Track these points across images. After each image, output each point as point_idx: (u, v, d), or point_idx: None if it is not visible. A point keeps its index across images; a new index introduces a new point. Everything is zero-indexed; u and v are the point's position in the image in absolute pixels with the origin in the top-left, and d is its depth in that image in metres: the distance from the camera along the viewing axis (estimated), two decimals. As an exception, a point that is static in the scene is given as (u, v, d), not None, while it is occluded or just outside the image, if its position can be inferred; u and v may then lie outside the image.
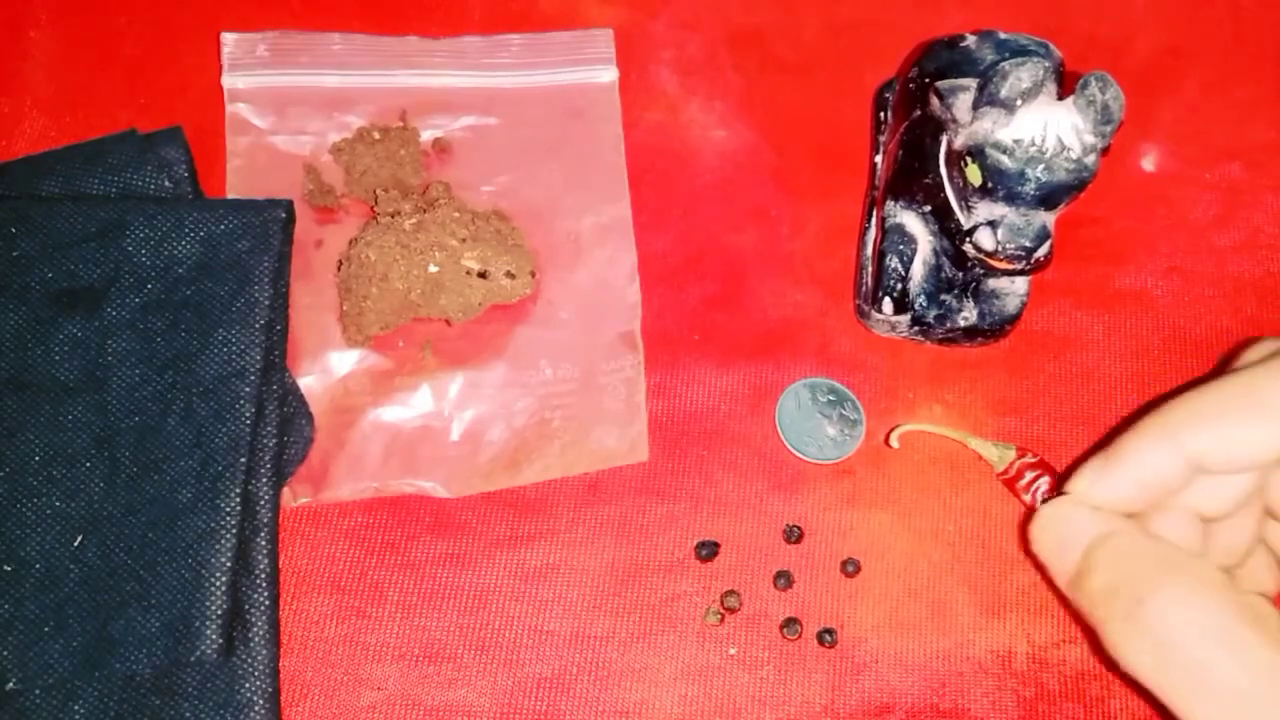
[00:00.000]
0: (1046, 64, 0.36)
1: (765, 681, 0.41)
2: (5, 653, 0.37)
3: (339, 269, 0.44)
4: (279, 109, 0.48)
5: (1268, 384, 0.34)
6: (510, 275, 0.44)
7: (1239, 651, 0.31)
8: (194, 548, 0.38)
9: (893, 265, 0.43)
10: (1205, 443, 0.34)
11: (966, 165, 0.38)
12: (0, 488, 0.39)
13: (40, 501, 0.39)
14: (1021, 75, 0.36)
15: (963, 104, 0.38)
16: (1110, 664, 0.34)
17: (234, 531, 0.39)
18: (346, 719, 0.40)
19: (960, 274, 0.43)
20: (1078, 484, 0.36)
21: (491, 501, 0.43)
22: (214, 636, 0.37)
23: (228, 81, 0.48)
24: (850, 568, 0.42)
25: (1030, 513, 0.40)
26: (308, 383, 0.43)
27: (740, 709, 0.41)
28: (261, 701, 0.38)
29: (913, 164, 0.43)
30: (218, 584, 0.38)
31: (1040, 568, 0.37)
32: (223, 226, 0.43)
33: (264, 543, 0.40)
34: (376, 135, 0.47)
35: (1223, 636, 0.31)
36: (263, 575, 0.40)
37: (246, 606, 0.39)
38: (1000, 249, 0.38)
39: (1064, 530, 0.35)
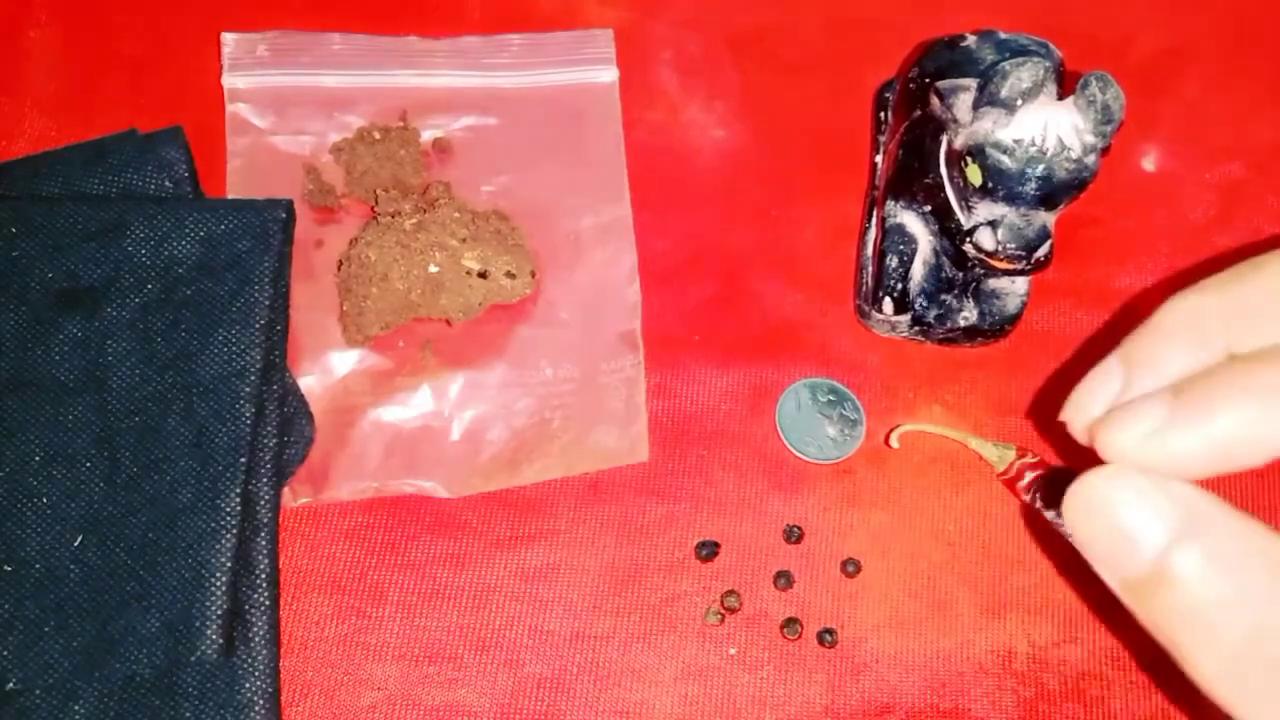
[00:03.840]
0: (1046, 64, 0.36)
1: (765, 681, 0.41)
2: (5, 653, 0.37)
3: (339, 269, 0.44)
4: (279, 109, 0.48)
5: None
6: (510, 275, 0.44)
7: None
8: (194, 548, 0.38)
9: (893, 265, 0.43)
10: None
11: (966, 165, 0.38)
12: (0, 488, 0.39)
13: (40, 501, 0.39)
14: (1021, 75, 0.36)
15: (963, 104, 0.38)
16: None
17: (234, 531, 0.39)
18: (346, 719, 0.40)
19: (960, 274, 0.43)
20: (1131, 430, 0.26)
21: (491, 501, 0.43)
22: (214, 636, 0.37)
23: (228, 81, 0.48)
24: (850, 568, 0.42)
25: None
26: (308, 383, 0.43)
27: (740, 709, 0.41)
28: (261, 701, 0.38)
29: (913, 164, 0.43)
30: (218, 584, 0.38)
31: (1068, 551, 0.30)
32: (223, 226, 0.43)
33: (264, 543, 0.40)
34: (376, 135, 0.47)
35: None
36: (263, 575, 0.40)
37: (246, 606, 0.39)
38: (1000, 249, 0.38)
39: (1124, 518, 0.25)
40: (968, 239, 0.40)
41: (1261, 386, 0.25)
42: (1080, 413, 0.29)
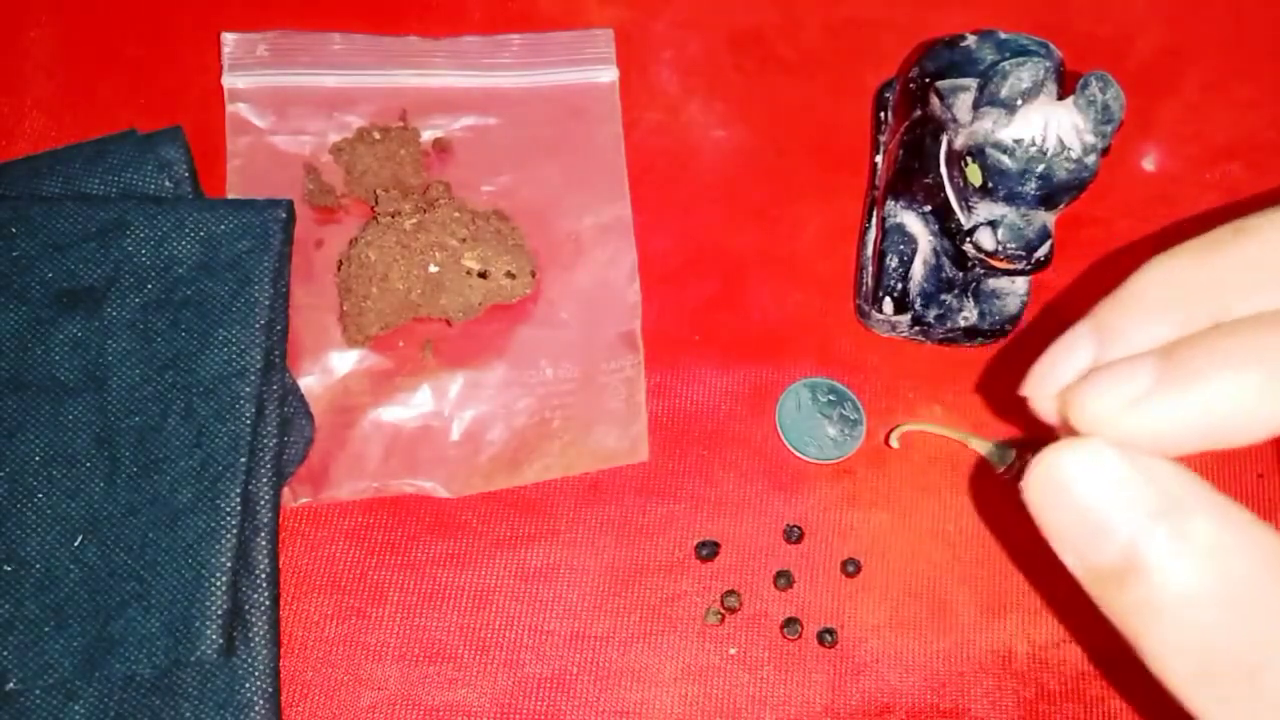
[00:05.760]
0: (1046, 64, 0.36)
1: (765, 681, 0.41)
2: (5, 653, 0.37)
3: (339, 269, 0.44)
4: (279, 109, 0.48)
5: None
6: (510, 275, 0.44)
7: None
8: (194, 548, 0.38)
9: (893, 265, 0.43)
10: None
11: (967, 165, 0.38)
12: (0, 488, 0.39)
13: (40, 501, 0.39)
14: (1022, 75, 0.36)
15: (963, 104, 0.38)
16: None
17: (234, 531, 0.39)
18: (346, 719, 0.40)
19: (960, 274, 0.43)
20: (1112, 395, 0.22)
21: (491, 501, 0.43)
22: (214, 636, 0.37)
23: (228, 81, 0.48)
24: (850, 568, 0.42)
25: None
26: (308, 383, 0.43)
27: (740, 709, 0.41)
28: (261, 701, 0.38)
29: (913, 164, 0.43)
30: (218, 584, 0.38)
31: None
32: (223, 226, 0.43)
33: (264, 543, 0.40)
34: (376, 135, 0.47)
35: None
36: (263, 575, 0.40)
37: (246, 606, 0.39)
38: (1000, 249, 0.38)
39: (1092, 499, 0.22)
40: (968, 239, 0.40)
41: (1268, 349, 0.21)
42: (1045, 386, 0.25)
